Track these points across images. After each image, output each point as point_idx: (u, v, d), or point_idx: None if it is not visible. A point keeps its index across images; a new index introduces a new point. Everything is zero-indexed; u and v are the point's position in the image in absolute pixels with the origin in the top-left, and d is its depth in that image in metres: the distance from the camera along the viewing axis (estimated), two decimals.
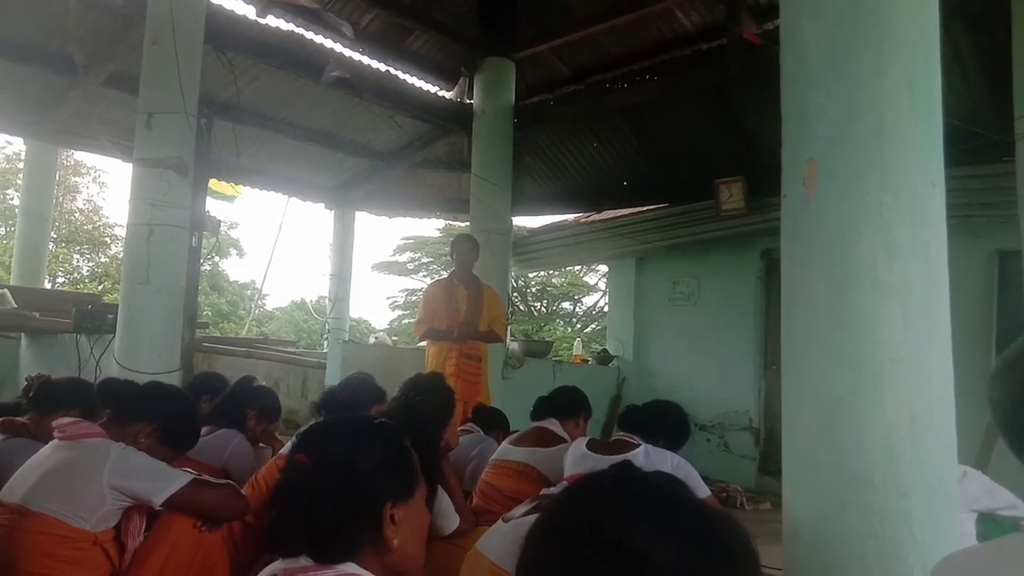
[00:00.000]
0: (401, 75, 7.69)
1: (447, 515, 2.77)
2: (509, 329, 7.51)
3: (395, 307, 23.47)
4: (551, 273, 19.39)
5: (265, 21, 6.28)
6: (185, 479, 2.28)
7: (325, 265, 9.60)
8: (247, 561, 2.65)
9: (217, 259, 20.67)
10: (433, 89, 8.05)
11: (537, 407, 3.79)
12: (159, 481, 2.25)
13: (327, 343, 8.96)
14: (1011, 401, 1.10)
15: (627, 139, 7.99)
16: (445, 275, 5.92)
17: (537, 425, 3.65)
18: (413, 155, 8.70)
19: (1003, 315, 5.91)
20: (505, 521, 2.23)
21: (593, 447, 3.14)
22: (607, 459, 2.90)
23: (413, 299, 21.45)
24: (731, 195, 6.91)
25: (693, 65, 7.04)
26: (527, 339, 10.07)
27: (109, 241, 19.94)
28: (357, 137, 8.33)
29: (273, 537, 1.39)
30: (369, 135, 8.34)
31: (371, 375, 3.54)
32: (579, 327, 21.15)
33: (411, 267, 21.98)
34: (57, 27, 5.78)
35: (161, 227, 4.29)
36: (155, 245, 4.27)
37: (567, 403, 3.79)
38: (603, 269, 17.64)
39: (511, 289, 9.53)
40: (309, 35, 6.69)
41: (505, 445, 3.59)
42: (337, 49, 6.92)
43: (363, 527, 1.36)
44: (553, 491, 2.45)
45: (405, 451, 1.50)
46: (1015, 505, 2.39)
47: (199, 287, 6.16)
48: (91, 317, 5.39)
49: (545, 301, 21.24)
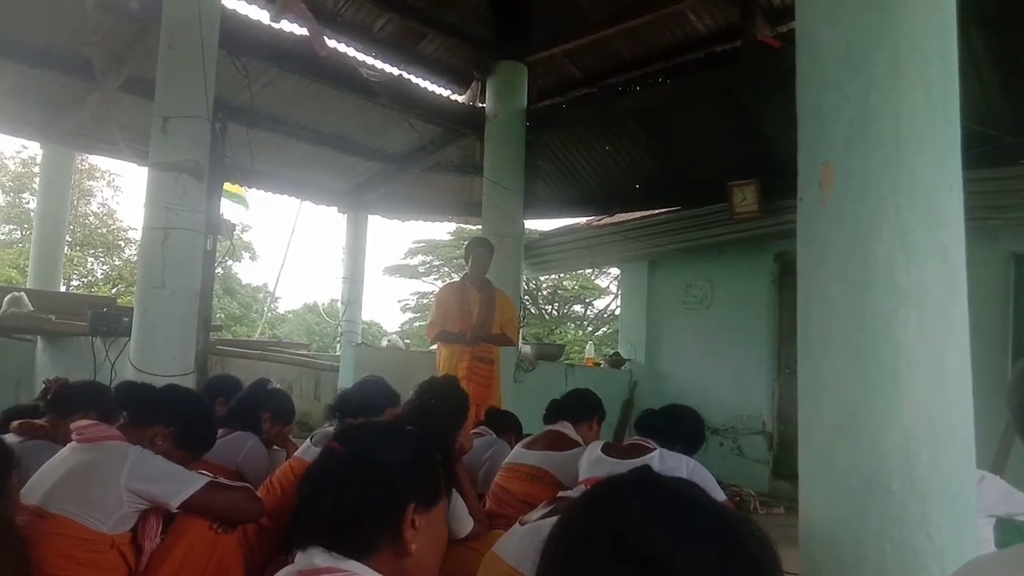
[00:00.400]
0: (414, 79, 7.72)
1: (461, 518, 2.77)
2: (521, 332, 7.50)
3: (406, 310, 23.55)
4: (562, 276, 19.38)
5: (279, 26, 6.31)
6: (201, 482, 2.29)
7: (337, 268, 9.65)
8: (262, 563, 2.66)
9: (230, 262, 20.76)
10: (445, 93, 8.07)
11: (550, 410, 3.77)
12: (176, 484, 2.26)
13: (339, 346, 8.99)
14: None
15: (639, 142, 7.98)
16: (457, 278, 5.92)
17: (550, 428, 3.64)
18: (425, 159, 8.73)
19: (1019, 318, 5.86)
20: (522, 524, 2.22)
21: (608, 451, 3.13)
22: (622, 463, 2.90)
23: (424, 302, 21.49)
24: (744, 198, 6.88)
25: (706, 68, 7.03)
26: (539, 342, 10.05)
27: (123, 245, 20.10)
28: (370, 141, 8.37)
29: (298, 523, 1.41)
30: (382, 139, 8.38)
31: (384, 378, 3.54)
32: (590, 330, 21.13)
33: (422, 270, 22.04)
34: (74, 32, 5.84)
35: (176, 231, 4.32)
36: (170, 248, 4.30)
37: (580, 406, 3.77)
38: (614, 272, 17.62)
39: (522, 292, 9.52)
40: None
41: (518, 449, 3.58)
42: (351, 53, 6.95)
43: (384, 522, 1.37)
44: (570, 494, 2.45)
45: (434, 462, 1.52)
46: None
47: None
48: (106, 320, 5.42)
49: (556, 304, 21.23)
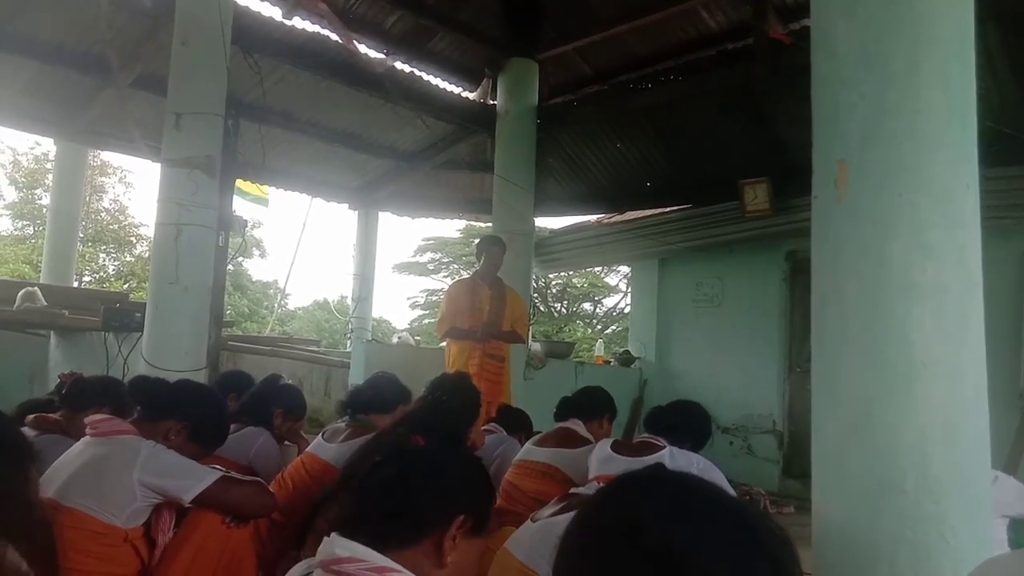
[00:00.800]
0: (425, 76, 7.72)
1: None
2: (531, 330, 7.51)
3: (415, 307, 23.60)
4: (571, 274, 19.37)
5: (291, 22, 6.33)
6: (214, 476, 2.30)
7: (347, 265, 9.66)
8: (274, 558, 2.68)
9: (240, 259, 20.84)
10: (457, 90, 8.06)
11: (561, 407, 3.77)
12: (189, 478, 2.27)
13: (350, 343, 9.00)
14: None
15: (650, 140, 7.96)
16: (467, 275, 5.92)
17: (561, 426, 3.63)
18: (436, 156, 8.73)
19: None
20: (533, 521, 2.22)
21: (618, 449, 3.12)
22: (633, 461, 2.89)
23: (433, 299, 21.54)
24: (756, 196, 6.86)
25: (718, 65, 6.99)
26: (549, 340, 10.05)
27: (135, 241, 20.19)
28: (381, 138, 8.37)
29: (356, 502, 1.49)
30: (393, 136, 8.38)
31: (395, 375, 3.55)
32: (599, 328, 21.12)
33: (431, 267, 22.07)
34: (87, 29, 5.87)
35: (189, 227, 4.34)
36: (183, 245, 4.32)
37: (591, 403, 3.76)
38: (624, 270, 17.60)
39: (532, 290, 9.52)
40: (334, 36, 6.72)
41: (528, 446, 3.57)
42: (362, 49, 6.95)
43: (432, 521, 1.40)
44: (581, 491, 2.45)
45: (492, 499, 1.60)
46: None
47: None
48: (119, 315, 5.44)
49: (565, 302, 21.23)
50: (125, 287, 18.15)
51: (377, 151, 8.51)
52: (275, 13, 6.26)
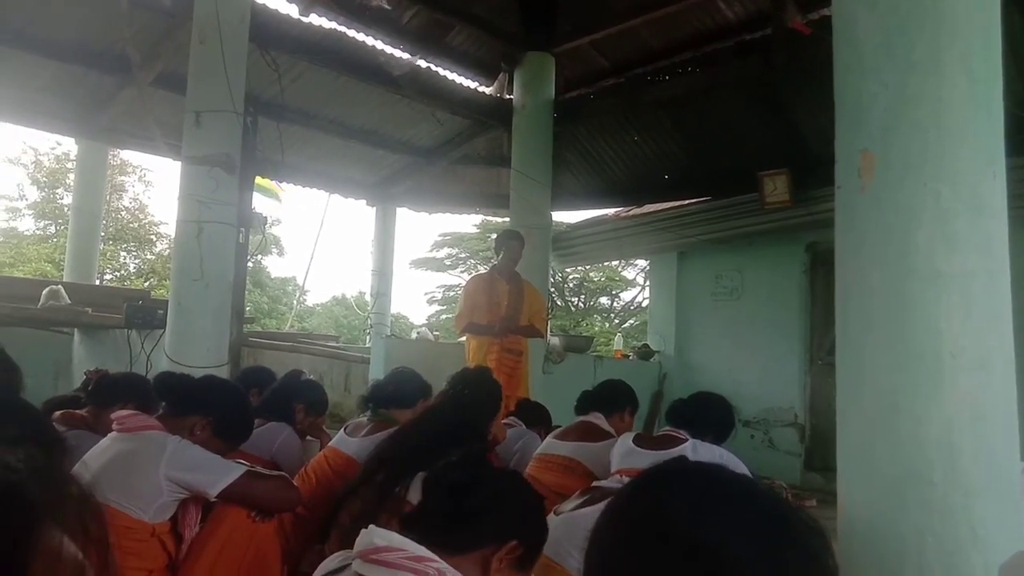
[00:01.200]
0: (442, 71, 7.72)
1: None
2: (549, 324, 7.50)
3: (432, 303, 23.67)
4: (588, 268, 19.34)
5: (308, 19, 6.35)
6: (240, 471, 2.32)
7: (365, 261, 9.75)
8: (298, 551, 2.70)
9: (259, 256, 20.97)
10: (473, 85, 8.06)
11: (582, 401, 3.76)
12: (214, 473, 2.29)
13: (368, 338, 9.03)
14: None
15: (668, 132, 7.92)
16: (484, 270, 5.92)
17: (582, 419, 3.63)
18: (453, 151, 8.75)
19: None
20: (556, 515, 2.23)
21: (640, 442, 3.11)
22: (655, 454, 2.88)
23: (451, 295, 21.58)
24: (775, 188, 6.81)
25: (736, 56, 6.94)
26: (567, 334, 10.03)
27: (155, 239, 20.38)
28: (398, 134, 8.39)
29: (425, 495, 1.53)
30: (410, 132, 8.40)
31: (415, 370, 3.56)
32: (616, 322, 21.08)
33: (448, 263, 22.12)
34: (107, 28, 5.92)
35: (210, 224, 4.37)
36: (204, 241, 4.35)
37: (612, 396, 3.74)
38: (641, 264, 17.56)
39: (549, 284, 9.52)
40: (351, 33, 6.75)
41: (550, 439, 3.57)
42: (379, 46, 6.97)
43: (489, 536, 1.45)
44: (604, 484, 2.44)
45: (545, 539, 1.62)
46: None
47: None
48: (142, 313, 5.50)
49: (582, 296, 21.21)
50: (146, 285, 18.32)
51: (394, 147, 8.54)
52: (292, 10, 6.29)
